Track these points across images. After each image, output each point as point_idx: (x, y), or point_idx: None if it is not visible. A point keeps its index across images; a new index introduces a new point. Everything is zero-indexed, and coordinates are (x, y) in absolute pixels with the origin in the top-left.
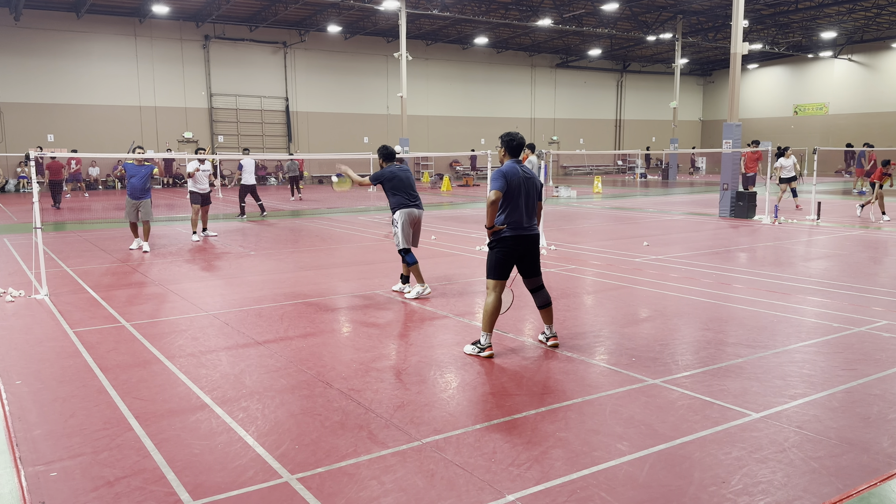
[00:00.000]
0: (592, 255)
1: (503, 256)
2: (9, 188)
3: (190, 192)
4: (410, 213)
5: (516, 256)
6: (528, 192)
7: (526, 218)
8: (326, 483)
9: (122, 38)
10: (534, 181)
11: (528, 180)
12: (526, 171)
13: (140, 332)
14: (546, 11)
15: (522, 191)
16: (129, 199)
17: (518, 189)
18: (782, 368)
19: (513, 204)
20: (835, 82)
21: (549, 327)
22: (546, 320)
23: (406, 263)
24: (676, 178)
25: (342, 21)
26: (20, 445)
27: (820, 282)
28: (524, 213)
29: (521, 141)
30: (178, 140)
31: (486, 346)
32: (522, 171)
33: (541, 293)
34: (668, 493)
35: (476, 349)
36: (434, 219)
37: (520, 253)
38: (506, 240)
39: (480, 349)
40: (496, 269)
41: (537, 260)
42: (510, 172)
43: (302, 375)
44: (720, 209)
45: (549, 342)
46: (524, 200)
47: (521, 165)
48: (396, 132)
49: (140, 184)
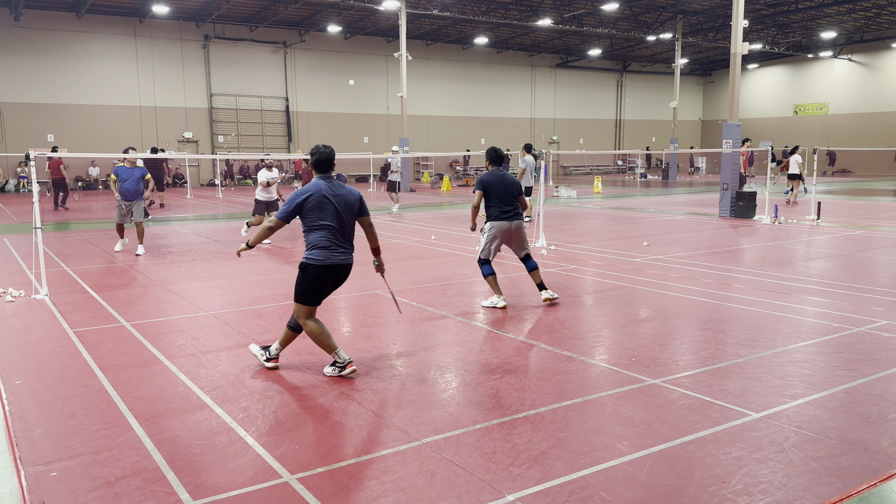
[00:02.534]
0: (592, 255)
1: None
2: (9, 188)
3: (255, 201)
4: (501, 227)
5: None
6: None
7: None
8: (326, 483)
9: (122, 38)
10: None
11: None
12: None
13: (140, 332)
14: (546, 11)
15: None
16: (121, 201)
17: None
18: (782, 368)
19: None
20: (835, 82)
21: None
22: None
23: (482, 273)
24: (676, 178)
25: (342, 21)
26: (20, 445)
27: (820, 282)
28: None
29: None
30: (178, 140)
31: (346, 361)
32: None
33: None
34: (668, 493)
35: (332, 370)
36: (434, 219)
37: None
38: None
39: (338, 367)
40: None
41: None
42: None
43: (302, 375)
44: (720, 209)
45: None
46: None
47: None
48: (396, 132)
49: (133, 186)
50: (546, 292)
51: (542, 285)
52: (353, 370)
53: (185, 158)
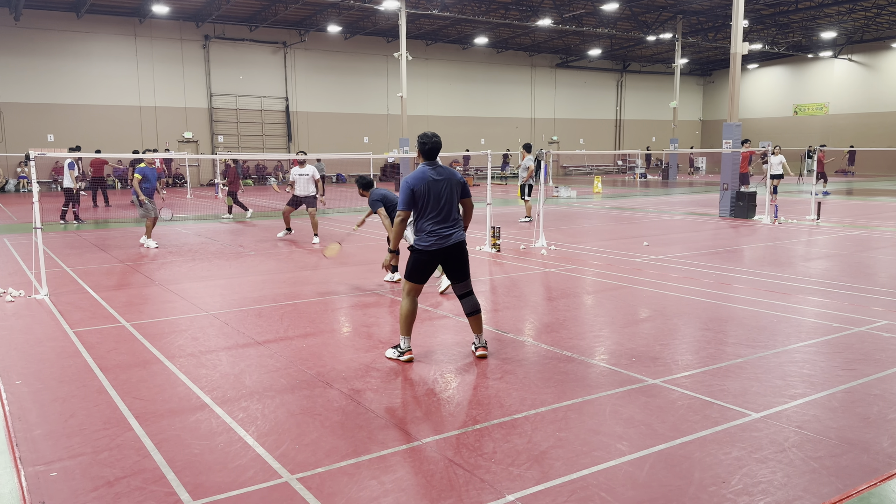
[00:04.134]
0: (592, 255)
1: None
2: (9, 188)
3: (293, 196)
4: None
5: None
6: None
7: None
8: (326, 483)
9: (122, 38)
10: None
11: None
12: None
13: (140, 332)
14: (546, 11)
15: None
16: (149, 200)
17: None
18: (782, 368)
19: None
20: (835, 82)
21: (478, 337)
22: (475, 329)
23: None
24: (676, 178)
25: (342, 21)
26: (20, 445)
27: (820, 282)
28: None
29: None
30: (178, 140)
31: (406, 349)
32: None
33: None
34: (668, 493)
35: (396, 353)
36: None
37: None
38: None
39: (400, 353)
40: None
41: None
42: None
43: (302, 375)
44: (720, 209)
45: (477, 352)
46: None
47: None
48: (396, 132)
49: (153, 185)
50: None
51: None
52: (410, 358)
53: (185, 158)
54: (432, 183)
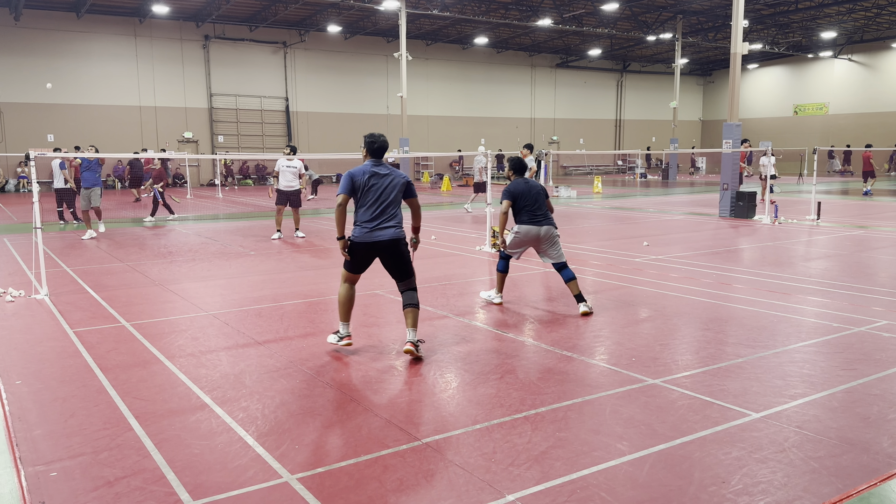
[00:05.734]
0: (592, 255)
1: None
2: (9, 188)
3: (276, 191)
4: (529, 230)
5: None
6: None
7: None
8: (326, 483)
9: (122, 38)
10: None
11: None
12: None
13: (140, 332)
14: (546, 11)
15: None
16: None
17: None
18: (782, 368)
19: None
20: (835, 82)
21: (411, 331)
22: (408, 323)
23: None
24: (676, 178)
25: (342, 21)
26: (20, 445)
27: (820, 282)
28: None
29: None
30: (178, 140)
31: (345, 335)
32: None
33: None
34: (668, 493)
35: (336, 338)
36: (434, 219)
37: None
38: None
39: (339, 338)
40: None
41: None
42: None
43: (302, 375)
44: (720, 209)
45: (405, 346)
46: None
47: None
48: (396, 132)
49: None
50: (583, 305)
51: (580, 296)
52: (349, 343)
53: (186, 158)
54: (374, 177)
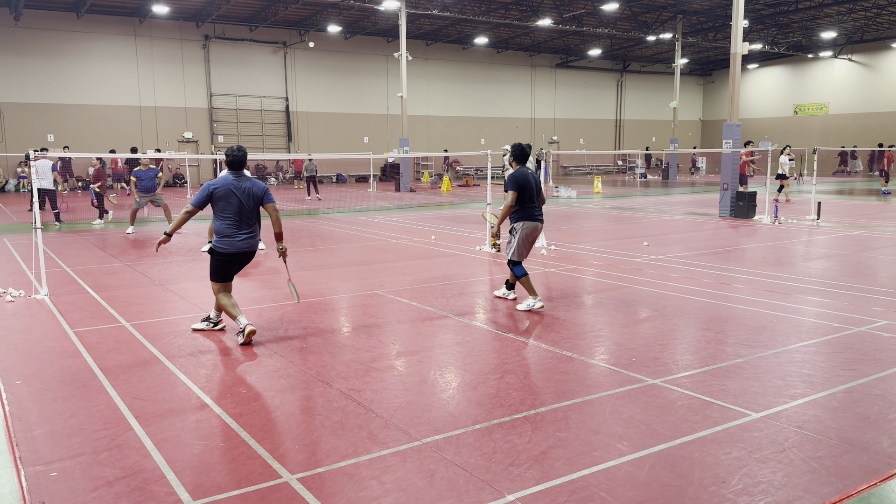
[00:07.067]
0: (592, 255)
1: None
2: (9, 188)
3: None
4: (535, 227)
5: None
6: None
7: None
8: (326, 483)
9: (122, 38)
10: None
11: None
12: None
13: (140, 332)
14: (546, 11)
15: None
16: (140, 196)
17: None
18: (782, 368)
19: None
20: (835, 82)
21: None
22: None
23: (514, 275)
24: (676, 178)
25: (342, 21)
26: (20, 445)
27: (820, 282)
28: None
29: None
30: (178, 140)
31: (246, 323)
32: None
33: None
34: (668, 493)
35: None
36: (434, 219)
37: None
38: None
39: (241, 330)
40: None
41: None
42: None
43: (302, 375)
44: (720, 209)
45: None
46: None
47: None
48: (396, 132)
49: (149, 184)
50: (509, 292)
51: (511, 285)
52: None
53: (186, 158)
54: (234, 188)
